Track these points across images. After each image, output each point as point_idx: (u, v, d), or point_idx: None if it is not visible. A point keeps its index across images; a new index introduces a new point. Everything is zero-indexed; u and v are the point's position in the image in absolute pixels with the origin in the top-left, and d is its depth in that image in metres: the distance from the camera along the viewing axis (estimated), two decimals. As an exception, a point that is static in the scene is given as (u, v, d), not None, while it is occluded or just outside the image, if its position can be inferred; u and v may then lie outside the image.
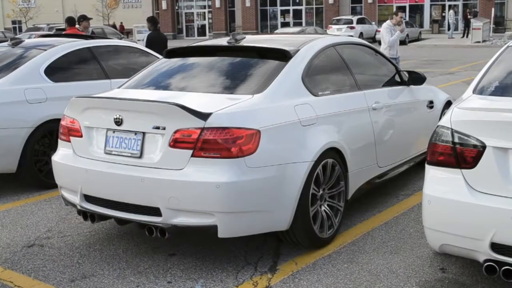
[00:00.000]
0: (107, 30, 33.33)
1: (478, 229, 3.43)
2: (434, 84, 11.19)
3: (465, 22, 40.05)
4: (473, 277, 4.03)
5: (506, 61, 4.31)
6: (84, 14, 12.96)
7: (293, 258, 4.42)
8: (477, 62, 20.54)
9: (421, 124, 6.28)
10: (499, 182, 3.43)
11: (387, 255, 4.46)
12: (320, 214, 4.55)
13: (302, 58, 4.87)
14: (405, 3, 48.03)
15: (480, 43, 32.98)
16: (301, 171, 4.26)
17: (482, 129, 3.52)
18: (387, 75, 6.15)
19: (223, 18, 51.85)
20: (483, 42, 33.09)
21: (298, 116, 4.42)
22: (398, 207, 5.57)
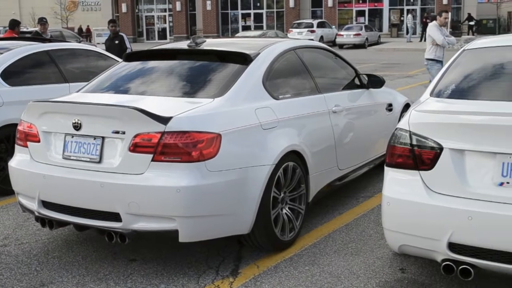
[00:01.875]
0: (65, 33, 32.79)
1: (436, 229, 3.49)
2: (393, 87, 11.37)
3: (423, 26, 40.75)
4: (431, 276, 4.10)
5: (462, 65, 4.40)
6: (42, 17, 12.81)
7: (254, 262, 4.43)
8: (435, 65, 20.86)
9: (380, 127, 6.36)
10: (456, 183, 3.49)
11: (347, 256, 4.50)
12: (281, 217, 4.57)
13: (263, 61, 4.88)
14: (364, 7, 48.63)
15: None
16: (262, 174, 4.27)
17: (439, 131, 3.58)
18: (347, 78, 6.21)
19: (184, 21, 51.64)
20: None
21: (259, 120, 4.42)
22: (359, 209, 5.63)
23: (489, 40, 4.97)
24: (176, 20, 51.99)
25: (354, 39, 38.05)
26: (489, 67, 4.36)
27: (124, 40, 12.68)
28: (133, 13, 53.18)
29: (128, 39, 12.98)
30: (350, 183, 5.96)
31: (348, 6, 49.17)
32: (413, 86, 15.67)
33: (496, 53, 4.56)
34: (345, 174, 5.67)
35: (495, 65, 4.38)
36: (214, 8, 50.29)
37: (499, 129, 3.41)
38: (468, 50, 4.59)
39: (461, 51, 4.60)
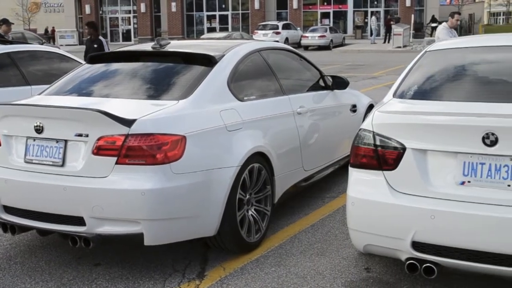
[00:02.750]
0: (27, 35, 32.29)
1: (400, 228, 3.53)
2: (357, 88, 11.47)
3: (387, 28, 41.33)
4: (396, 275, 4.15)
5: (424, 66, 4.47)
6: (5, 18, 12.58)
7: (221, 264, 4.42)
8: (399, 66, 21.16)
9: (345, 128, 6.41)
10: (419, 182, 3.54)
11: (313, 257, 4.52)
12: (247, 219, 4.57)
13: (227, 63, 4.88)
14: (329, 9, 49.01)
15: (401, 48, 34.08)
16: (227, 176, 4.27)
17: (402, 131, 3.63)
18: (312, 79, 6.25)
19: (149, 23, 51.30)
20: (404, 47, 34.21)
21: (224, 121, 4.42)
22: (324, 210, 5.66)
23: (450, 41, 5.06)
24: (140, 22, 51.60)
25: (319, 41, 38.32)
26: (450, 68, 4.44)
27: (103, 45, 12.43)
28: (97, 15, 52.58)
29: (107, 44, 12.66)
30: (316, 183, 5.99)
31: (313, 8, 49.49)
32: (377, 87, 15.85)
33: (457, 55, 4.64)
34: (311, 175, 5.70)
35: (456, 66, 4.46)
36: (179, 9, 50.07)
37: (460, 129, 3.47)
38: (430, 52, 4.67)
39: (423, 53, 4.68)
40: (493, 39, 5.44)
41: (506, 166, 3.35)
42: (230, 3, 50.66)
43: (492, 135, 3.32)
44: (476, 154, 3.40)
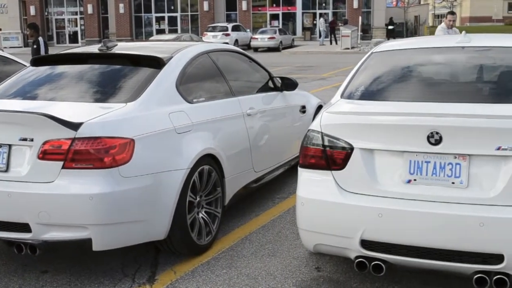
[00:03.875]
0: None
1: (349, 227, 3.58)
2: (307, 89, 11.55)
3: (330, 30, 41.92)
4: (346, 274, 4.20)
5: (371, 67, 4.54)
6: None
7: (171, 267, 4.38)
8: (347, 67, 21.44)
9: (295, 129, 6.46)
10: (367, 181, 3.59)
11: (264, 258, 4.53)
12: (197, 221, 4.55)
13: (176, 65, 4.85)
14: (278, 11, 49.30)
15: (349, 49, 34.59)
16: (177, 179, 4.24)
17: (350, 132, 3.68)
18: (261, 81, 6.27)
19: (96, 24, 50.52)
20: (352, 49, 34.73)
21: (173, 124, 4.39)
22: (275, 210, 5.69)
23: (396, 43, 5.16)
24: (87, 23, 50.76)
25: (269, 42, 38.51)
26: (396, 69, 4.52)
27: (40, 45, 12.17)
28: (42, 16, 51.45)
29: (45, 44, 12.39)
30: (266, 184, 6.01)
31: (262, 10, 49.70)
32: (326, 88, 16.02)
33: (403, 56, 4.74)
34: (261, 176, 5.72)
35: (401, 67, 4.55)
36: (127, 11, 49.48)
37: (405, 128, 3.54)
38: (376, 53, 4.75)
39: (370, 54, 4.75)
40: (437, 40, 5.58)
41: (450, 164, 3.43)
42: (179, 4, 50.37)
43: (436, 134, 3.40)
44: (422, 153, 3.48)
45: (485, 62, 4.48)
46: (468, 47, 4.49)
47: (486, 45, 4.69)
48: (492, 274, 3.32)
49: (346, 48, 35.01)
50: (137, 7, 50.68)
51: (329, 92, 13.89)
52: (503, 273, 3.31)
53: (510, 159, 3.30)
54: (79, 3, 51.63)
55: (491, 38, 5.29)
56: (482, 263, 3.34)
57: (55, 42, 51.68)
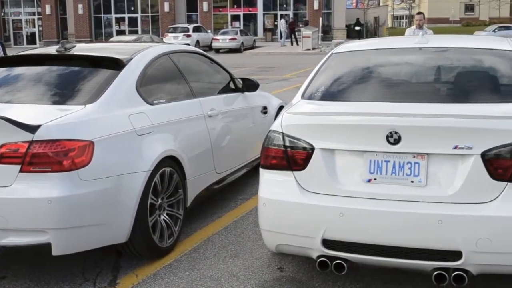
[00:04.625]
0: None
1: (311, 227, 3.60)
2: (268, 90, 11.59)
3: (290, 31, 42.18)
4: (308, 273, 4.22)
5: (331, 68, 4.58)
6: None
7: (133, 270, 4.34)
8: (308, 68, 21.57)
9: (256, 130, 6.47)
10: (328, 181, 3.62)
11: (227, 259, 4.53)
12: (159, 224, 4.51)
13: (136, 66, 4.80)
14: (239, 12, 49.35)
15: (310, 50, 34.83)
16: (138, 181, 4.20)
17: (311, 132, 3.70)
18: (222, 82, 6.26)
19: (54, 25, 49.75)
20: (313, 50, 34.98)
21: (133, 126, 4.35)
22: (237, 211, 5.69)
23: (355, 44, 5.21)
24: (46, 24, 49.94)
25: (230, 44, 38.51)
26: (355, 69, 4.57)
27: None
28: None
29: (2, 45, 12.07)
30: (228, 186, 6.01)
31: (223, 11, 49.68)
32: (288, 89, 16.10)
33: (362, 57, 4.79)
34: (223, 177, 5.71)
35: (361, 68, 4.60)
36: (86, 11, 48.86)
37: (365, 128, 3.58)
38: (336, 54, 4.79)
39: (330, 55, 4.79)
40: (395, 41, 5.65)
41: (409, 163, 3.49)
42: (140, 5, 49.97)
43: (395, 133, 3.45)
44: (381, 152, 3.52)
45: (442, 62, 4.56)
46: (426, 48, 4.57)
47: (443, 46, 4.77)
48: (451, 271, 3.39)
49: (307, 49, 35.25)
50: (97, 7, 50.10)
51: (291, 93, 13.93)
52: (462, 270, 3.37)
53: (467, 157, 3.37)
54: (36, 4, 50.77)
55: (448, 39, 5.39)
56: (441, 260, 3.40)
57: (12, 43, 50.70)
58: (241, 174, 6.18)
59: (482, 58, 4.47)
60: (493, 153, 3.32)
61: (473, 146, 3.35)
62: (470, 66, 4.48)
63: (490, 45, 4.69)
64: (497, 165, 3.33)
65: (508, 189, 3.32)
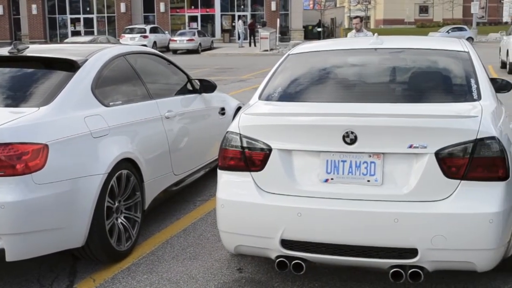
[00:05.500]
0: None
1: (269, 228, 3.60)
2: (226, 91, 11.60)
3: (249, 32, 42.28)
4: (267, 274, 4.23)
5: (288, 69, 4.60)
6: None
7: (90, 275, 4.28)
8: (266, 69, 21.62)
9: (214, 131, 6.45)
10: (286, 182, 3.63)
11: (186, 261, 4.50)
12: (117, 227, 4.46)
13: (91, 68, 4.73)
14: (196, 13, 49.18)
15: (268, 51, 34.95)
16: (94, 184, 4.14)
17: (268, 133, 3.70)
18: (179, 83, 6.23)
19: (7, 26, 48.68)
20: (270, 51, 35.12)
21: (89, 128, 4.28)
22: (196, 213, 5.66)
23: (311, 45, 5.25)
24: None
25: (188, 45, 38.35)
26: (312, 70, 4.61)
27: None
28: (-52, 17, 49.13)
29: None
30: (187, 187, 5.98)
31: (181, 12, 49.44)
32: (246, 90, 16.10)
33: (319, 57, 4.84)
34: (181, 179, 5.68)
35: (317, 69, 4.64)
36: (40, 12, 47.95)
37: (322, 128, 3.61)
38: (292, 55, 4.82)
39: (286, 56, 4.82)
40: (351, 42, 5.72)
41: (365, 162, 3.53)
42: (95, 6, 49.32)
43: (351, 133, 3.48)
44: (338, 152, 3.55)
45: (397, 63, 4.64)
46: (381, 48, 4.64)
47: (398, 47, 4.85)
48: (407, 268, 3.44)
49: (265, 50, 35.37)
50: (51, 8, 49.23)
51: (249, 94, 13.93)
52: (418, 267, 3.43)
53: (421, 156, 3.43)
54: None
55: (403, 40, 5.48)
56: (398, 258, 3.45)
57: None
58: (199, 176, 6.16)
59: (436, 59, 4.56)
60: (447, 152, 3.39)
61: (427, 145, 3.41)
62: (424, 66, 4.56)
63: (443, 46, 4.79)
64: (450, 163, 3.39)
65: (461, 187, 3.39)
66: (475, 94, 3.88)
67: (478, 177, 3.39)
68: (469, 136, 3.38)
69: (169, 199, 5.71)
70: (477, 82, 4.00)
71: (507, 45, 20.06)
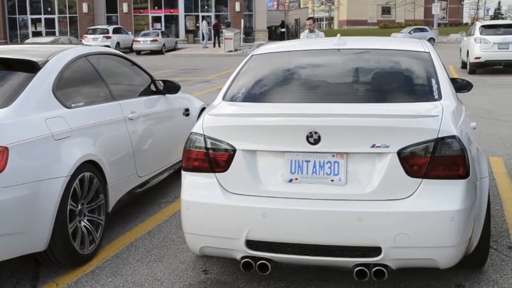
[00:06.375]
0: None
1: (234, 228, 3.60)
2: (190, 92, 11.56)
3: (214, 32, 42.22)
4: (233, 274, 4.22)
5: (251, 69, 4.61)
6: None
7: (53, 279, 4.21)
8: (231, 70, 21.60)
9: (179, 132, 6.41)
10: (250, 182, 3.63)
11: (151, 264, 4.47)
12: (80, 230, 4.40)
13: (52, 69, 4.66)
14: (160, 14, 48.89)
15: (233, 52, 34.94)
16: (56, 187, 4.08)
17: (232, 133, 3.70)
18: (143, 84, 6.18)
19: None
20: (235, 51, 35.12)
21: (50, 130, 4.22)
22: (161, 215, 5.62)
23: (275, 45, 5.27)
24: (-44, 26, 47.77)
25: (151, 45, 38.08)
26: (276, 71, 4.62)
27: None
28: None
29: None
30: (152, 189, 5.93)
31: (144, 12, 49.09)
32: (210, 91, 16.06)
33: (282, 58, 4.85)
34: (146, 180, 5.63)
35: (281, 69, 4.66)
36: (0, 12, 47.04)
37: (286, 129, 3.62)
38: (256, 55, 4.83)
39: (250, 56, 4.82)
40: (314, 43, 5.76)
41: (329, 162, 3.55)
42: (57, 6, 48.62)
43: (315, 133, 3.50)
44: (302, 152, 3.57)
45: (360, 63, 4.68)
46: (344, 49, 4.68)
47: (360, 48, 4.90)
48: (371, 266, 3.48)
49: (230, 50, 35.35)
50: (11, 8, 48.34)
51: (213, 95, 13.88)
52: (382, 265, 3.47)
53: (383, 156, 3.47)
54: None
55: (365, 41, 5.54)
56: (362, 256, 3.48)
57: None
58: (164, 177, 6.12)
59: (398, 59, 4.62)
60: (408, 151, 3.44)
61: (389, 144, 3.44)
62: (386, 67, 4.62)
63: (405, 46, 4.85)
64: (412, 162, 3.44)
65: (423, 185, 3.44)
66: (436, 94, 3.94)
67: (439, 176, 3.45)
68: (430, 135, 3.44)
69: (133, 201, 5.66)
70: (437, 82, 4.06)
71: (467, 46, 20.45)
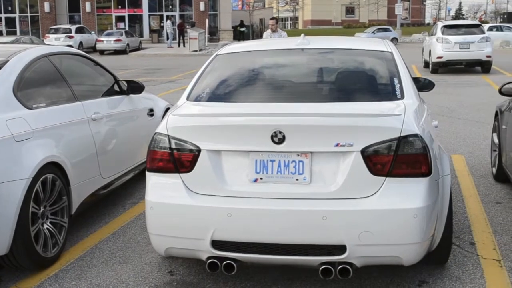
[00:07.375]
0: None
1: (199, 229, 3.59)
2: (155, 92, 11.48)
3: (179, 32, 42.03)
4: (199, 275, 4.21)
5: (216, 69, 4.60)
6: None
7: (15, 283, 4.13)
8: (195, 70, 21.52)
9: (143, 132, 6.36)
10: (215, 182, 3.63)
11: (116, 266, 4.42)
12: (42, 233, 4.33)
13: (12, 69, 4.57)
14: (124, 13, 48.44)
15: (197, 51, 34.84)
16: (17, 189, 4.00)
17: (197, 134, 3.68)
18: (106, 85, 6.11)
19: None
20: (200, 51, 35.02)
21: (11, 131, 4.14)
22: (125, 216, 5.57)
23: (239, 45, 5.26)
24: None
25: (115, 45, 37.70)
26: (240, 71, 4.62)
27: None
28: None
29: None
30: (116, 190, 5.87)
31: (107, 12, 48.58)
32: (175, 91, 15.99)
33: (246, 58, 4.86)
34: (110, 182, 5.57)
35: (245, 69, 4.66)
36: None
37: (250, 129, 3.62)
38: (220, 55, 4.82)
39: (214, 56, 4.81)
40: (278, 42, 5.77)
41: (294, 161, 3.56)
42: (17, 5, 47.75)
43: (279, 133, 3.51)
44: (267, 152, 3.57)
45: (324, 63, 4.71)
46: (308, 49, 4.70)
47: (324, 47, 4.93)
48: (336, 264, 3.50)
49: (194, 50, 35.24)
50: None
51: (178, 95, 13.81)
52: (346, 263, 3.49)
53: (347, 154, 3.49)
54: None
55: (329, 41, 5.58)
56: (327, 255, 3.51)
57: None
58: (128, 178, 6.06)
59: (361, 59, 4.66)
60: (372, 150, 3.47)
61: (353, 143, 3.47)
62: (349, 66, 4.66)
63: (368, 46, 4.90)
64: (375, 161, 3.48)
65: (386, 184, 3.48)
66: (399, 93, 3.99)
67: (402, 174, 3.49)
68: (393, 134, 3.48)
69: (97, 202, 5.60)
70: (400, 81, 4.12)
71: (430, 46, 20.78)
